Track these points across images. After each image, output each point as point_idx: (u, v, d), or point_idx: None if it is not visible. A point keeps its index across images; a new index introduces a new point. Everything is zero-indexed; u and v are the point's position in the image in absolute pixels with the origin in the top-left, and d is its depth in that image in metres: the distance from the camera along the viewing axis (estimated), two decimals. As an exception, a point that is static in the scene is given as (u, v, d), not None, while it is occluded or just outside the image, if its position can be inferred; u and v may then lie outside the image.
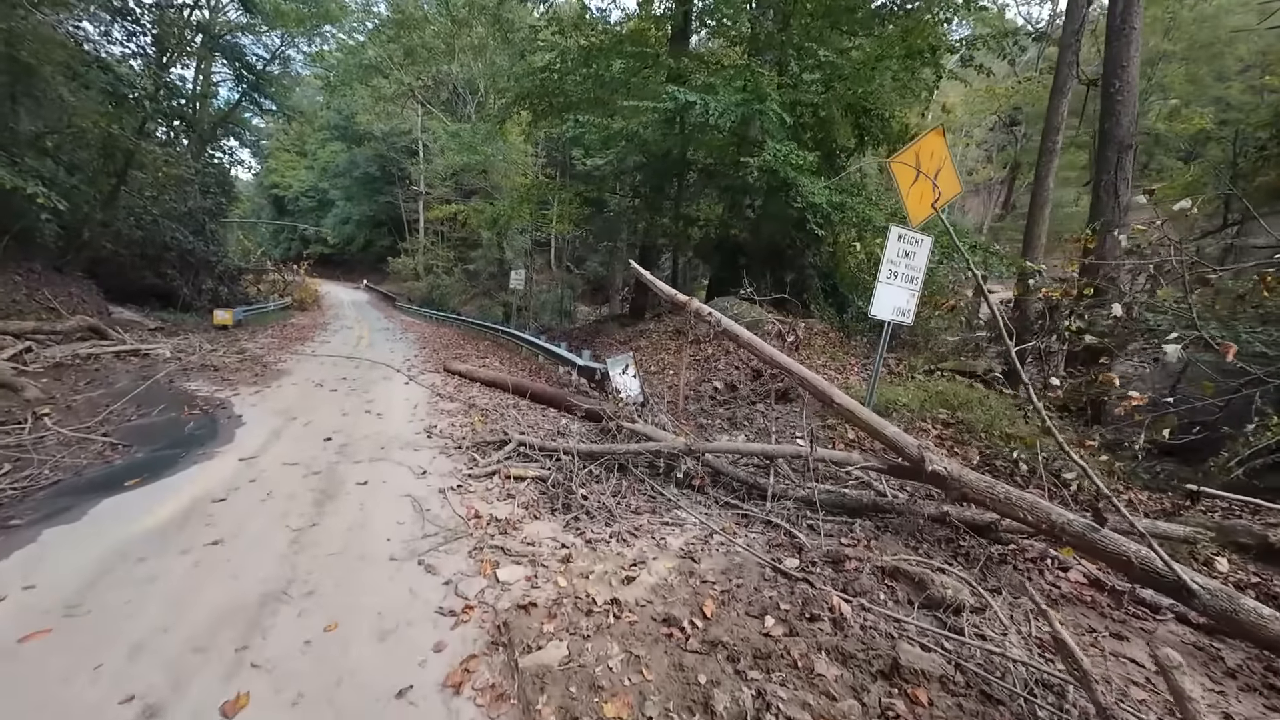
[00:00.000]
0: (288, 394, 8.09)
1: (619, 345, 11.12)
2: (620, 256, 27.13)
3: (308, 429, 6.21)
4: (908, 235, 5.44)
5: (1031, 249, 9.30)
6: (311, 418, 6.70)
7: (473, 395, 8.23)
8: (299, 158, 54.11)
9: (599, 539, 3.56)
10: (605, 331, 14.10)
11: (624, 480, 4.39)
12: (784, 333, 8.17)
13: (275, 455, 5.20)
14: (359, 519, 3.85)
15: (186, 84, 29.75)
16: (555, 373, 10.80)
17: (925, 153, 5.32)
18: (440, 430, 6.21)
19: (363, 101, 37.82)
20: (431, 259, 36.98)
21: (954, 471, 3.41)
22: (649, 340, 10.72)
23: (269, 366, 10.45)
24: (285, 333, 16.98)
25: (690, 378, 7.79)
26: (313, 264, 46.16)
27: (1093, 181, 7.52)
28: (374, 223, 46.73)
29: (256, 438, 5.75)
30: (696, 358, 8.77)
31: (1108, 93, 7.30)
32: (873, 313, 5.47)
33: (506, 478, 4.61)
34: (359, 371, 10.31)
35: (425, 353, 13.26)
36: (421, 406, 7.51)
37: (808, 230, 11.21)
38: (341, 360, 11.60)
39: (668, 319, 11.58)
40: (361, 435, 5.99)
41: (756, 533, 3.78)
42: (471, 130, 27.82)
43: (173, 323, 16.71)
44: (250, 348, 12.92)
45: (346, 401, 7.72)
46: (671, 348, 9.79)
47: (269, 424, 6.32)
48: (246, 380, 8.93)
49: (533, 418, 6.83)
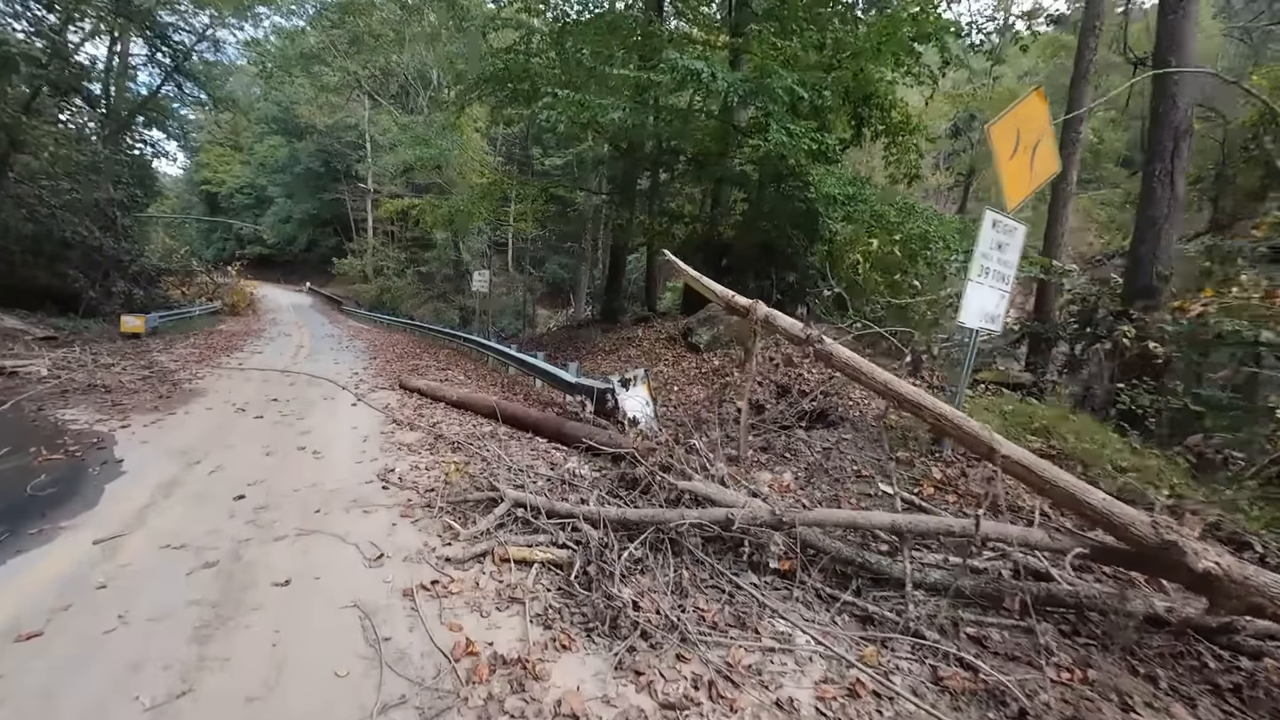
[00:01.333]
0: (196, 424, 6.23)
1: (604, 354, 9.65)
2: (585, 258, 25.63)
3: (214, 479, 4.48)
4: (1003, 222, 4.26)
5: (1054, 247, 8.45)
6: (222, 460, 4.95)
7: (437, 420, 6.59)
8: (234, 152, 49.75)
9: (678, 697, 2.14)
10: (582, 338, 12.58)
11: (680, 564, 2.98)
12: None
13: (154, 532, 3.49)
14: (268, 673, 2.27)
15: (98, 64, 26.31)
16: (531, 388, 9.23)
17: (1024, 119, 4.15)
18: (400, 476, 4.60)
19: (304, 92, 34.75)
20: (381, 260, 34.29)
21: (1236, 571, 2.17)
22: (638, 348, 9.29)
23: (179, 385, 8.46)
24: (210, 341, 14.64)
25: (699, 395, 6.42)
26: (250, 265, 42.34)
27: (1143, 171, 6.65)
28: (318, 222, 43.26)
29: (133, 499, 4.00)
30: (701, 370, 7.45)
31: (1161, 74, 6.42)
32: (960, 320, 4.26)
33: (503, 561, 3.10)
34: (294, 390, 8.44)
35: (376, 364, 11.38)
36: (373, 438, 5.83)
37: (810, 226, 10.09)
38: (274, 375, 9.64)
39: (659, 324, 10.18)
40: (290, 488, 4.31)
41: (905, 655, 2.44)
42: (425, 123, 25.65)
43: (70, 331, 14.13)
44: (161, 360, 10.76)
45: (274, 433, 5.95)
46: (669, 357, 8.42)
47: (159, 473, 4.55)
48: (145, 405, 6.98)
49: (519, 452, 5.29)
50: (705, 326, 8.43)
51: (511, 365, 10.22)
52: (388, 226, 37.65)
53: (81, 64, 18.86)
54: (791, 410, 5.83)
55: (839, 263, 11.11)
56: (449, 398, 7.48)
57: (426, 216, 17.10)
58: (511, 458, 5.04)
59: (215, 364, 10.70)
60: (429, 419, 6.68)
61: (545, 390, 8.89)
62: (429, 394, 7.86)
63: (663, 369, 8.12)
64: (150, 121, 30.69)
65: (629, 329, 10.94)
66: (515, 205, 18.57)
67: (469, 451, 5.26)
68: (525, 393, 8.69)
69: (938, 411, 2.93)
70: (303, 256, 45.78)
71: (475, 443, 5.53)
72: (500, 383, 9.55)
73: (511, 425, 6.19)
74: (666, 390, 7.21)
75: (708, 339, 8.27)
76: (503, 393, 8.84)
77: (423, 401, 7.71)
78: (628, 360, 8.83)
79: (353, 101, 35.06)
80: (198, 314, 19.89)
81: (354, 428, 6.25)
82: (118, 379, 8.45)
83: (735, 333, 7.98)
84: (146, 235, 30.50)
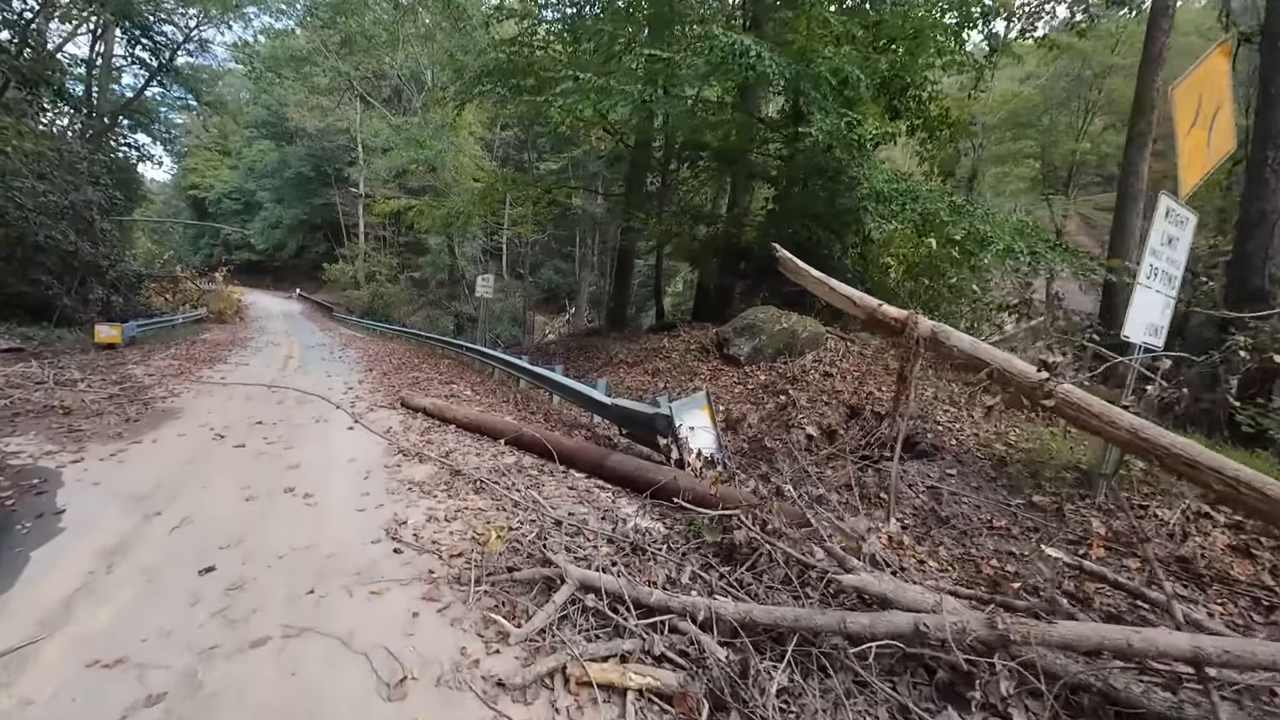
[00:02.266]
0: (165, 456, 5.18)
1: (627, 367, 8.68)
2: (586, 262, 24.68)
3: (177, 539, 3.45)
4: (1176, 212, 3.37)
5: (1123, 246, 7.64)
6: (191, 508, 3.91)
7: (450, 448, 5.58)
8: (221, 156, 48.26)
9: None
10: (594, 348, 11.58)
11: (845, 695, 2.03)
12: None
13: (81, 637, 2.47)
14: None
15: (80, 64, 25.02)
16: (548, 404, 8.25)
17: (1207, 80, 3.28)
18: (415, 531, 3.60)
19: (295, 95, 33.52)
20: (373, 266, 33.04)
21: None
22: (666, 360, 8.32)
23: (151, 405, 7.37)
24: (192, 352, 13.48)
25: (753, 417, 5.47)
26: (238, 271, 40.89)
27: (1250, 160, 5.85)
28: (308, 227, 41.91)
29: (64, 576, 2.96)
30: (747, 387, 6.52)
31: (1275, 47, 5.62)
32: (1125, 333, 3.36)
33: (582, 685, 2.13)
34: (282, 409, 7.38)
35: (373, 377, 10.31)
36: (376, 473, 4.81)
37: (844, 226, 9.22)
38: (259, 392, 8.56)
39: (685, 332, 9.21)
40: (274, 553, 3.29)
41: None
42: (420, 124, 24.59)
43: (40, 341, 12.95)
44: (136, 374, 9.63)
45: (257, 468, 4.91)
46: (704, 371, 7.46)
47: (106, 531, 3.51)
48: (108, 431, 5.91)
49: (556, 491, 4.31)
50: (744, 336, 7.49)
51: (523, 378, 9.21)
52: (379, 231, 36.45)
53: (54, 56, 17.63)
54: (869, 436, 4.91)
55: (870, 266, 10.26)
56: (459, 419, 6.47)
57: (424, 218, 16.05)
58: (548, 500, 4.06)
59: (195, 378, 9.60)
60: (439, 446, 5.67)
61: (563, 407, 7.91)
62: (435, 414, 6.85)
63: (700, 385, 7.16)
64: (135, 124, 29.38)
65: (649, 338, 9.95)
66: (514, 209, 17.59)
67: (495, 493, 4.27)
68: (543, 411, 7.70)
69: (1229, 474, 2.02)
70: (292, 262, 44.38)
71: (500, 480, 4.53)
72: (512, 399, 8.54)
73: (539, 454, 5.21)
74: None
75: (748, 350, 7.33)
76: (517, 411, 7.85)
77: (429, 423, 6.69)
78: (657, 374, 7.87)
79: (344, 105, 33.93)
80: (181, 322, 18.64)
81: (352, 459, 5.22)
82: (80, 398, 7.34)
83: (783, 344, 7.06)
84: (131, 240, 29.08)
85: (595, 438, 6.18)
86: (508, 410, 7.80)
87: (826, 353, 6.81)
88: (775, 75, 6.44)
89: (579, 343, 13.07)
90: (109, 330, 12.79)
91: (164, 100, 31.01)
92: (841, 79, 6.76)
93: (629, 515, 3.72)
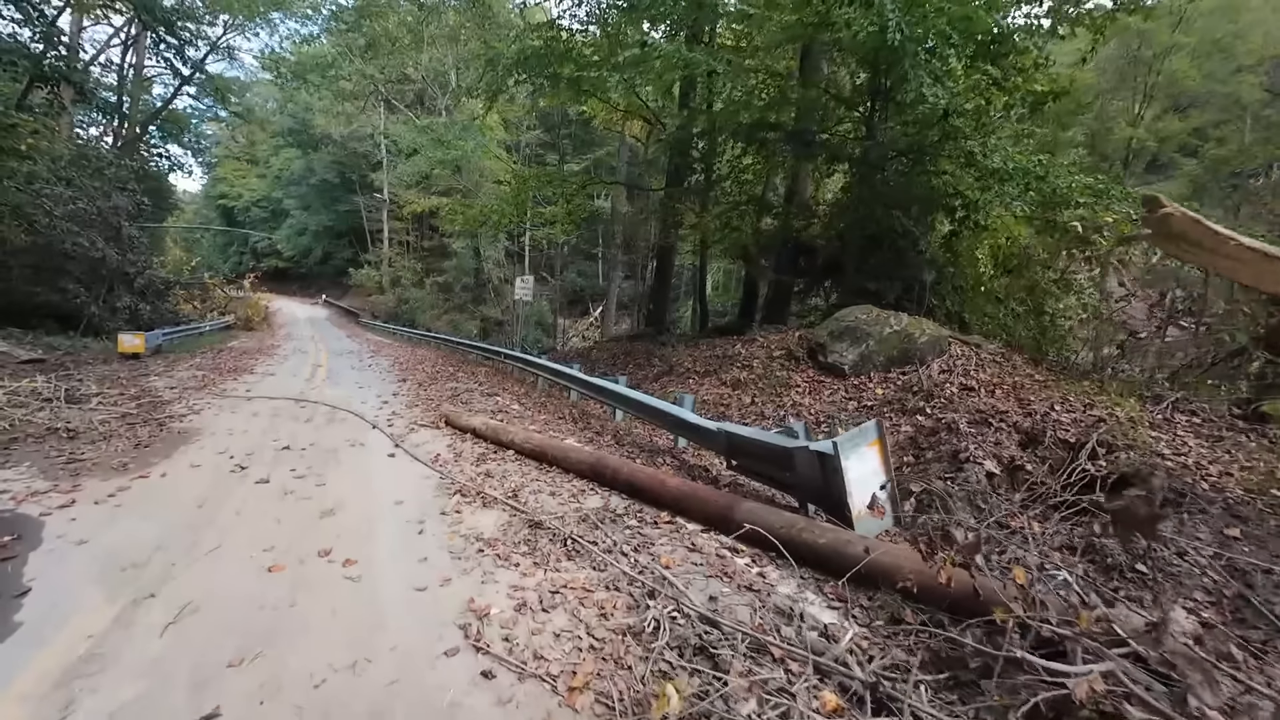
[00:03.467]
0: (171, 497, 4.15)
1: (698, 378, 7.50)
2: (615, 263, 23.61)
3: (169, 649, 2.37)
4: None
5: None
6: (194, 588, 2.83)
7: (514, 484, 4.47)
8: (249, 166, 48.18)
9: None
10: (646, 355, 10.40)
11: None
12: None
13: None
14: None
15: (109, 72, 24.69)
16: (609, 417, 7.12)
17: None
18: (504, 633, 2.48)
19: (321, 102, 32.98)
20: (398, 271, 32.34)
21: None
22: (748, 369, 7.05)
23: (167, 425, 6.42)
24: (218, 361, 12.63)
25: (888, 439, 4.26)
26: (266, 278, 40.66)
27: None
28: (334, 234, 41.53)
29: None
30: (862, 404, 5.31)
31: None
32: None
33: None
34: (311, 429, 6.36)
35: (408, 389, 9.28)
36: (432, 525, 3.71)
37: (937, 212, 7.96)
38: (286, 406, 7.57)
39: (761, 336, 7.95)
40: (308, 683, 2.18)
41: None
42: (445, 125, 23.75)
43: (65, 351, 12.24)
44: (157, 387, 8.74)
45: (282, 516, 3.84)
46: (799, 383, 6.23)
47: (73, 634, 2.44)
48: (111, 461, 4.94)
49: (672, 553, 3.17)
50: (845, 341, 6.23)
51: (574, 389, 8.10)
52: (403, 236, 35.80)
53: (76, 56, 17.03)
54: (1066, 471, 3.69)
55: (963, 259, 8.96)
56: (518, 444, 5.36)
57: (457, 218, 15.05)
58: (672, 571, 2.92)
59: (219, 390, 8.67)
60: (501, 481, 4.57)
61: (630, 424, 6.78)
62: (488, 437, 5.76)
63: (796, 399, 5.96)
64: (166, 135, 29.22)
65: (715, 343, 8.72)
66: (546, 208, 16.53)
67: (594, 558, 3.14)
68: (610, 430, 6.56)
69: None
70: (318, 269, 44.12)
71: (595, 536, 3.40)
72: (568, 414, 7.42)
73: (631, 495, 4.08)
74: (821, 433, 5.06)
75: (854, 358, 6.08)
76: (576, 429, 6.73)
77: (482, 447, 5.59)
78: (739, 386, 6.67)
79: (368, 110, 33.32)
80: (208, 330, 17.95)
81: (399, 502, 4.13)
82: (90, 418, 6.40)
83: (896, 350, 5.82)
84: (162, 249, 28.75)
85: (684, 467, 5.04)
86: (565, 428, 6.69)
87: (956, 361, 5.59)
88: (893, 24, 5.18)
89: (623, 348, 11.92)
90: (132, 339, 12.00)
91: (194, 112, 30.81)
92: (965, 30, 5.50)
93: (812, 608, 2.55)
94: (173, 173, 28.85)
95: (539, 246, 29.55)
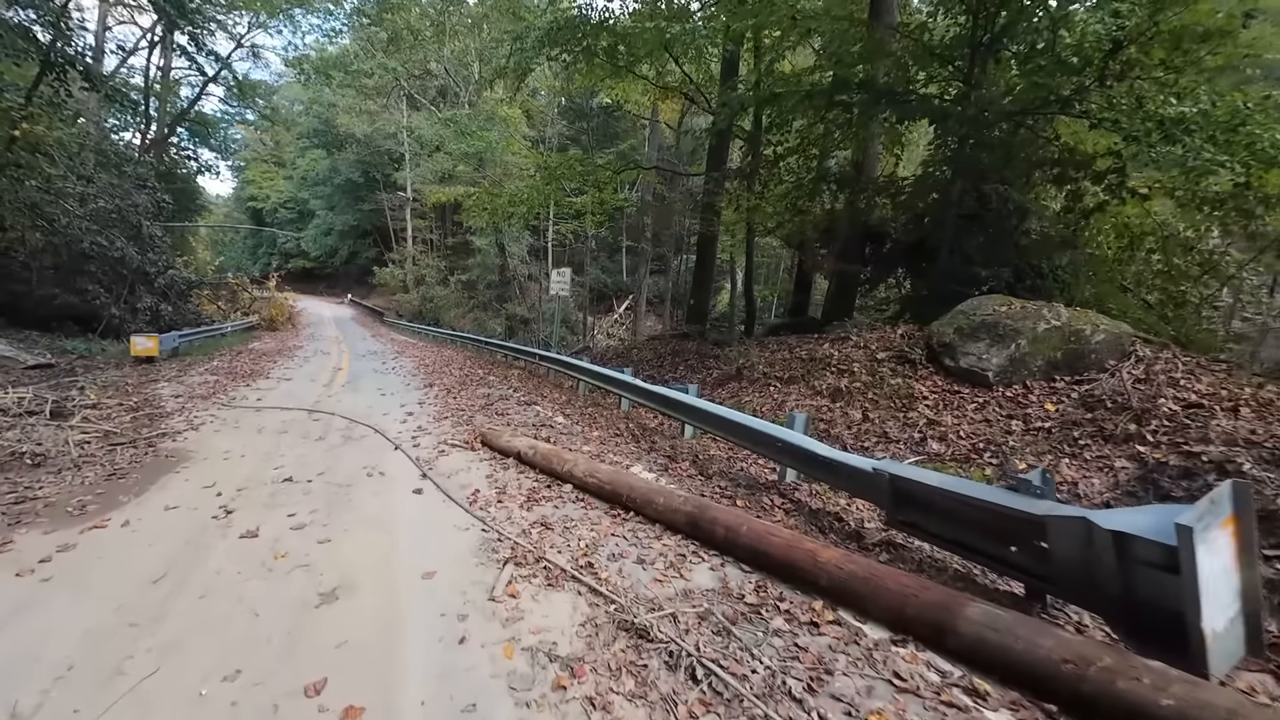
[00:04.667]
0: (124, 564, 2.97)
1: (780, 385, 6.14)
2: (644, 256, 22.29)
3: None
4: None
5: None
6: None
7: (585, 542, 3.22)
8: (277, 168, 48.01)
9: None
10: (697, 354, 9.07)
11: None
12: None
13: None
14: None
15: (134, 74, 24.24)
16: (674, 434, 5.82)
17: None
18: None
19: (345, 100, 32.24)
20: (422, 269, 31.51)
21: None
22: (847, 376, 5.52)
23: (156, 445, 5.34)
24: (235, 364, 11.66)
25: (1037, 455, 2.85)
26: (293, 278, 40.33)
27: None
28: (358, 233, 41.05)
29: None
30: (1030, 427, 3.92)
31: None
32: None
33: None
34: (322, 451, 5.18)
35: (434, 396, 8.10)
36: (476, 622, 2.47)
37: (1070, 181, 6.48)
38: (298, 419, 6.44)
39: (857, 335, 6.51)
40: None
41: None
42: (469, 117, 22.67)
43: (78, 355, 11.40)
44: (162, 395, 7.72)
45: (263, 596, 2.62)
46: (924, 395, 4.79)
47: None
48: (69, 500, 3.83)
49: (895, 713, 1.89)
50: (982, 341, 4.73)
51: (625, 397, 6.83)
52: (427, 234, 34.98)
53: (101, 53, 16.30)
54: None
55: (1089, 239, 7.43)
56: (579, 477, 4.08)
57: (485, 208, 13.88)
58: None
59: (227, 400, 7.59)
60: (566, 538, 3.31)
61: (700, 444, 5.47)
62: (537, 465, 4.50)
63: (928, 415, 4.52)
64: (195, 137, 28.82)
65: (792, 341, 7.27)
66: (575, 198, 15.30)
67: (739, 701, 1.86)
68: (683, 453, 5.25)
69: None
70: (344, 269, 43.76)
71: (727, 652, 2.13)
72: (624, 429, 6.13)
73: (755, 566, 2.78)
74: (959, 469, 3.67)
75: (1000, 362, 4.60)
76: (638, 448, 5.44)
77: (531, 479, 4.35)
78: (842, 397, 5.27)
79: (391, 107, 32.51)
80: (229, 331, 17.11)
81: (428, 573, 2.89)
82: (65, 438, 5.33)
83: (1059, 351, 4.35)
84: (191, 251, 28.28)
85: (799, 510, 3.71)
86: (625, 448, 5.40)
87: (1157, 366, 4.12)
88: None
89: (669, 347, 10.57)
90: (145, 342, 11.07)
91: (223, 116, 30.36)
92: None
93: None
94: (201, 175, 28.34)
95: (562, 242, 28.40)
